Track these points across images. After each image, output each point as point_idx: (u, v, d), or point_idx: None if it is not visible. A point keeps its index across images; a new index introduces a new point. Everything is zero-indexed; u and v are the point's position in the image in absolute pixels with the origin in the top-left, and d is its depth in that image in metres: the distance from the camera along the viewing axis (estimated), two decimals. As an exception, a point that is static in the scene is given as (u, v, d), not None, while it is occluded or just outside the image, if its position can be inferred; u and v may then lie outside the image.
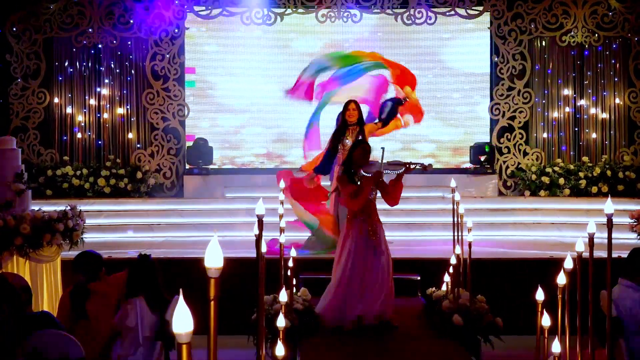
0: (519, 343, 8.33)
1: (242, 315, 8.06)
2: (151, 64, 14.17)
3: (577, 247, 5.14)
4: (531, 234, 12.81)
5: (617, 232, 6.26)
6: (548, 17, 14.37)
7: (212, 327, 2.59)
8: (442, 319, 7.91)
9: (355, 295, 7.86)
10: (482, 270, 9.62)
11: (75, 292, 6.94)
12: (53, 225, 8.68)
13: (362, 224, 7.93)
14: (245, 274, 9.13)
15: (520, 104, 14.39)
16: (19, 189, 8.93)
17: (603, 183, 13.70)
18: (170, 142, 14.27)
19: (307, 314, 7.90)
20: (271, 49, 14.56)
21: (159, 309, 6.58)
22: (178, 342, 2.32)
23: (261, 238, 4.88)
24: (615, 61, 14.41)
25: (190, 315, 2.33)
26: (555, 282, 5.21)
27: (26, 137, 14.04)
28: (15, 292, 5.79)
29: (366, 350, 7.40)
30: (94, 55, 14.24)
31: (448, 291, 8.42)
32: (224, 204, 13.40)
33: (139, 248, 10.65)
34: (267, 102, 14.40)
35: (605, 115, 14.40)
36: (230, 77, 14.56)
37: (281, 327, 5.42)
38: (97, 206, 13.16)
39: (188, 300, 2.39)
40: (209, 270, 2.53)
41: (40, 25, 14.05)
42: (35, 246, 8.55)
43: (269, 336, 6.94)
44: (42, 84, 14.15)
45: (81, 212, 9.30)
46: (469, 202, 12.73)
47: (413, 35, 14.56)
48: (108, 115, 14.27)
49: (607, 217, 4.72)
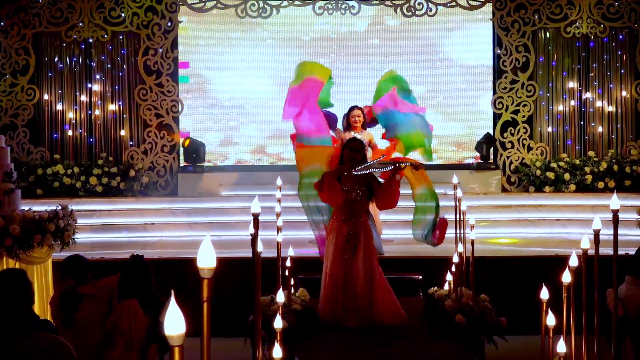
0: (523, 343, 8.14)
1: (240, 316, 8.01)
2: (144, 58, 14.04)
3: (583, 244, 5.08)
4: (536, 231, 12.73)
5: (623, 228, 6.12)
6: (552, 8, 14.25)
7: (205, 329, 2.60)
8: (445, 319, 7.80)
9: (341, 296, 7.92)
10: (486, 268, 9.50)
11: (65, 297, 6.89)
12: (44, 226, 8.59)
13: (342, 224, 7.99)
14: (242, 275, 9.10)
15: (524, 97, 14.27)
16: (8, 188, 8.86)
17: (610, 178, 13.61)
18: (164, 139, 14.04)
19: (305, 315, 7.84)
20: (267, 42, 14.45)
21: (152, 311, 6.52)
22: (170, 345, 2.34)
23: (257, 237, 4.88)
24: (622, 52, 14.31)
25: (182, 317, 2.35)
26: (561, 281, 5.15)
27: (15, 135, 13.91)
28: (32, 289, 5.80)
29: (366, 352, 7.35)
30: (85, 50, 14.13)
31: (450, 290, 8.33)
32: (220, 202, 13.35)
33: (133, 248, 10.76)
34: (263, 97, 14.31)
35: (612, 108, 14.29)
36: (225, 72, 14.45)
37: (279, 328, 5.36)
38: (89, 205, 13.07)
39: (183, 301, 2.44)
40: (201, 271, 2.56)
41: (29, 19, 13.93)
42: (26, 247, 8.44)
43: (266, 338, 6.85)
44: (32, 80, 14.03)
45: (73, 212, 9.22)
46: (472, 198, 12.64)
47: (413, 27, 14.42)
48: (100, 112, 14.15)
49: (613, 213, 4.68)
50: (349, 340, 7.59)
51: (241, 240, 10.95)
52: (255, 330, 5.08)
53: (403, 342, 7.56)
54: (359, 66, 14.28)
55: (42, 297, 8.60)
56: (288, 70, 14.08)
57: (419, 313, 8.54)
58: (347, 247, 7.93)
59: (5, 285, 5.55)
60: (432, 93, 14.21)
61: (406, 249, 10.87)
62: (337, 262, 7.93)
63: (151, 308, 6.53)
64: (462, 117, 14.51)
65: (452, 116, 14.48)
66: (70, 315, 6.71)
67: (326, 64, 13.96)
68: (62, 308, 6.81)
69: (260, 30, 14.35)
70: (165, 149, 14.11)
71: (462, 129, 14.52)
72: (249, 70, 14.34)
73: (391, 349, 7.40)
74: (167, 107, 14.08)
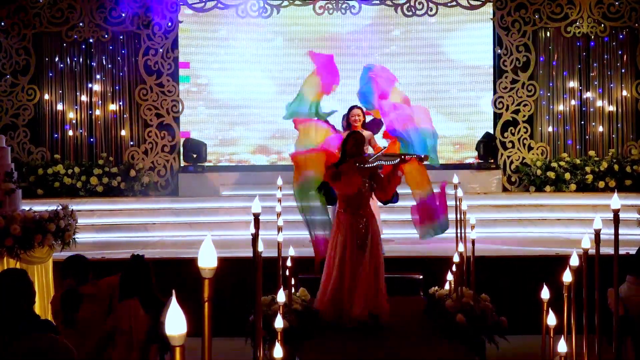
0: (524, 343, 8.22)
1: (241, 316, 8.02)
2: (144, 58, 14.02)
3: (583, 244, 5.11)
4: (536, 231, 12.72)
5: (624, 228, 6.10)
6: (552, 7, 14.23)
7: (206, 329, 2.61)
8: (446, 319, 7.80)
9: (346, 290, 7.86)
10: (486, 268, 9.49)
11: (66, 297, 6.86)
12: (44, 226, 8.57)
13: (352, 216, 7.96)
14: (243, 274, 9.08)
15: (524, 97, 14.24)
16: (8, 189, 8.86)
17: (610, 178, 13.59)
18: (165, 139, 14.01)
19: (306, 314, 7.84)
20: (267, 42, 14.42)
21: (153, 311, 6.49)
22: (171, 345, 2.33)
23: (258, 237, 4.88)
24: (622, 52, 14.28)
25: (183, 317, 2.34)
26: (561, 280, 5.16)
27: (16, 135, 13.89)
28: (33, 289, 5.75)
29: (367, 352, 7.32)
30: (85, 50, 14.11)
31: (451, 290, 8.31)
32: (220, 202, 13.34)
33: (133, 248, 10.75)
34: (263, 97, 14.28)
35: (612, 107, 14.27)
36: (226, 72, 14.41)
37: (279, 328, 5.39)
38: (90, 205, 13.06)
39: (184, 301, 2.42)
40: (202, 271, 2.55)
41: (30, 19, 13.91)
42: (26, 247, 8.43)
43: (267, 338, 6.84)
44: (32, 80, 14.02)
45: (73, 212, 9.21)
46: (473, 198, 12.61)
47: (413, 27, 14.41)
48: (100, 112, 14.13)
49: (614, 213, 4.66)
50: (350, 340, 7.56)
51: (242, 240, 10.92)
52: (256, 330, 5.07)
53: (404, 342, 7.54)
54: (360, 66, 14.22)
55: (43, 297, 8.58)
56: (288, 71, 14.14)
57: (420, 313, 8.52)
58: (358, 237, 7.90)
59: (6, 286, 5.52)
60: (433, 93, 14.16)
61: (406, 248, 10.86)
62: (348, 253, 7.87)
63: (152, 308, 6.50)
64: (463, 117, 14.48)
65: (453, 116, 14.44)
66: (70, 315, 6.70)
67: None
68: (63, 308, 6.79)
69: (260, 31, 14.30)
70: (166, 149, 14.08)
71: (463, 128, 14.48)
72: (249, 71, 14.30)
73: (392, 349, 7.36)
74: (168, 107, 14.06)
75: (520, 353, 8.35)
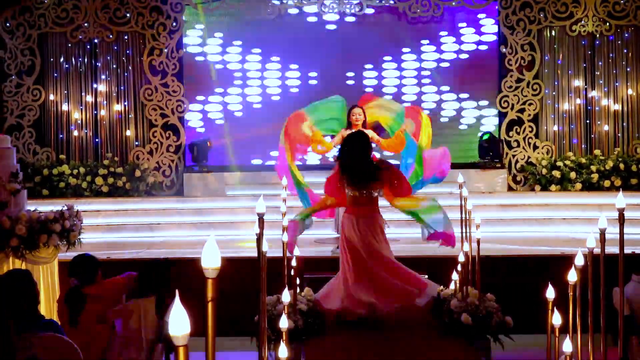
0: (529, 342, 8.20)
1: (246, 316, 7.86)
2: (149, 58, 14.05)
3: (589, 243, 5.05)
4: (542, 230, 12.68)
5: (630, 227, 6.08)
6: (558, 6, 14.21)
7: (210, 329, 2.61)
8: (451, 318, 7.75)
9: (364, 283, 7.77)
10: (491, 268, 9.51)
11: (69, 296, 6.83)
12: (49, 226, 8.48)
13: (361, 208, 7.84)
14: (247, 274, 9.06)
15: (529, 96, 14.23)
16: (14, 189, 8.76)
17: (616, 177, 13.57)
18: (170, 139, 14.01)
19: (311, 314, 7.76)
20: (272, 42, 14.39)
21: (163, 312, 6.56)
22: (175, 345, 2.34)
23: (262, 236, 4.86)
24: (628, 50, 14.27)
25: (186, 317, 2.34)
26: (566, 279, 5.08)
27: (21, 136, 13.93)
28: (36, 290, 5.82)
29: (373, 351, 7.29)
30: (90, 51, 14.14)
31: (456, 290, 8.25)
32: (225, 202, 13.32)
33: (139, 248, 10.71)
34: (268, 97, 14.29)
35: (618, 106, 14.24)
36: (230, 72, 14.39)
37: (284, 328, 5.33)
38: (95, 206, 13.09)
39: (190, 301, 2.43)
40: (206, 271, 2.56)
41: (35, 20, 13.94)
42: (32, 247, 8.34)
43: (272, 337, 6.86)
44: (37, 81, 14.05)
45: (78, 212, 9.12)
46: (478, 197, 12.64)
47: (418, 26, 14.38)
48: (105, 112, 14.15)
49: (619, 212, 4.68)
50: (356, 339, 7.53)
51: (246, 240, 10.95)
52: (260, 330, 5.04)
53: (409, 342, 7.51)
54: (361, 66, 14.28)
55: (48, 297, 8.57)
56: (293, 71, 14.15)
57: (425, 312, 8.43)
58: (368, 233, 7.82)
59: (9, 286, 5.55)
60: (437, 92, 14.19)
61: (412, 248, 10.83)
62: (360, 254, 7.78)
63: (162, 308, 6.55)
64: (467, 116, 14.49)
65: (457, 115, 14.47)
66: (74, 314, 6.67)
67: (328, 63, 14.03)
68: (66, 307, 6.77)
69: (265, 31, 14.28)
70: (171, 149, 14.10)
71: (468, 128, 14.49)
72: (254, 71, 14.32)
73: (398, 348, 7.34)
74: (173, 107, 14.06)
75: (526, 352, 8.33)
